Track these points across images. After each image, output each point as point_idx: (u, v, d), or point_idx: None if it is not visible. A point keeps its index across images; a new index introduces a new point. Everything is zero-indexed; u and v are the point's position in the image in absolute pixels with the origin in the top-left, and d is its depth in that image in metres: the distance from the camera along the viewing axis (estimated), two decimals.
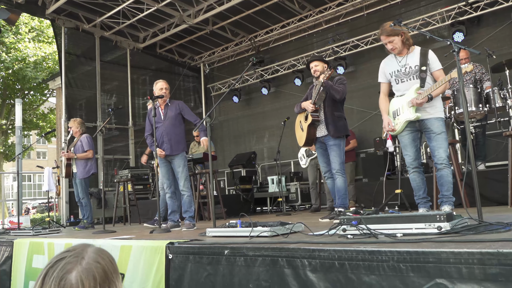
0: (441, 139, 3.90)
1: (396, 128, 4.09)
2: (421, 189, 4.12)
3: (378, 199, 6.15)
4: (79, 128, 7.49)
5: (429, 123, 3.95)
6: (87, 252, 1.14)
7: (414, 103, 3.90)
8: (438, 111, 3.97)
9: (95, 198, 9.04)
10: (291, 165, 10.68)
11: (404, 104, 4.01)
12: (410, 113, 3.96)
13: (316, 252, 2.43)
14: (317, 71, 5.19)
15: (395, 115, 4.13)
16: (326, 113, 5.10)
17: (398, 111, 4.08)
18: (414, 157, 4.09)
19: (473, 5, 7.96)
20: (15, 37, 18.84)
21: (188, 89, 12.65)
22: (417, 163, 4.10)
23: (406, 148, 4.13)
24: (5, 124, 20.17)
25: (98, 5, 9.49)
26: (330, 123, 5.06)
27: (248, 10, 9.82)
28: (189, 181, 5.52)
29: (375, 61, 9.49)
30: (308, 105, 5.10)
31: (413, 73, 4.00)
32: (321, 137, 5.15)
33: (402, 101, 4.04)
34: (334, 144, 5.04)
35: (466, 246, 2.02)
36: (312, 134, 5.17)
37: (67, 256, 1.11)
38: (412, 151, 4.09)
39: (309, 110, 5.09)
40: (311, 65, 5.26)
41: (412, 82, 4.02)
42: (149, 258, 3.38)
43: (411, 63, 4.03)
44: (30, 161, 36.88)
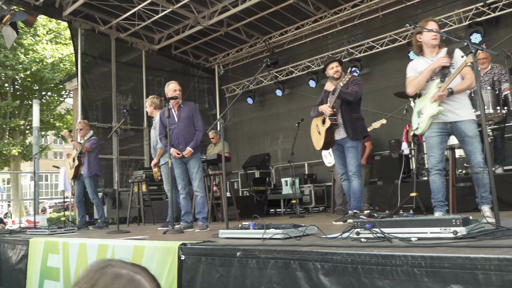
0: (476, 142, 3.87)
1: (422, 126, 4.07)
2: (440, 192, 4.08)
3: (393, 202, 6.08)
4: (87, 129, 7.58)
5: (462, 126, 3.91)
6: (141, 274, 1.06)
7: (435, 96, 3.89)
8: (471, 113, 3.94)
9: (110, 198, 9.10)
10: (305, 167, 10.63)
11: (427, 102, 4.01)
12: (433, 108, 3.94)
13: (329, 255, 2.41)
14: (338, 72, 5.16)
15: (419, 114, 4.13)
16: (344, 115, 5.07)
17: (422, 110, 4.09)
18: (439, 159, 4.05)
19: (491, 6, 7.83)
20: (33, 39, 19.13)
21: (202, 90, 12.69)
22: (441, 165, 4.07)
23: (432, 149, 4.08)
24: (23, 124, 20.47)
25: (114, 7, 9.58)
26: (348, 125, 5.03)
27: (262, 12, 9.82)
28: (203, 182, 5.53)
29: (390, 62, 9.47)
30: (326, 109, 5.06)
31: (438, 72, 4.00)
32: (339, 139, 5.13)
33: (425, 100, 4.06)
34: (351, 146, 5.01)
35: (482, 252, 1.98)
36: (330, 138, 5.14)
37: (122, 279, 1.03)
38: (438, 153, 4.05)
39: (327, 114, 5.05)
40: (331, 65, 5.19)
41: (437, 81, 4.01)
42: (161, 258, 3.39)
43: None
44: (47, 161, 37.38)
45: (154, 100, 6.69)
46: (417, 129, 4.15)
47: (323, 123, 5.19)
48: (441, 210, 4.06)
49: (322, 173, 9.99)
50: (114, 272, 1.03)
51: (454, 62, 3.94)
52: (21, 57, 18.30)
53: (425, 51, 4.15)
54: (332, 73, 5.19)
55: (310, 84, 10.36)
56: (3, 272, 5.61)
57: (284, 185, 9.83)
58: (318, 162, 10.06)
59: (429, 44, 4.08)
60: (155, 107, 6.67)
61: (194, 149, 5.43)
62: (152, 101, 6.69)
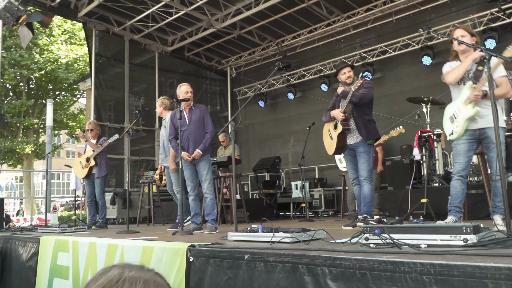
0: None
1: (457, 130, 4.01)
2: (458, 198, 4.06)
3: (403, 208, 6.04)
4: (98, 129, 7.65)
5: (489, 131, 3.88)
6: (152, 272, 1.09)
7: (471, 97, 3.86)
8: (501, 119, 3.89)
9: (121, 198, 9.16)
10: (315, 171, 10.61)
11: (460, 105, 3.98)
12: (469, 110, 3.89)
13: (337, 260, 2.40)
14: (350, 77, 5.19)
15: (452, 119, 4.08)
16: (356, 118, 5.08)
17: (455, 114, 4.05)
18: (464, 166, 4.03)
19: (506, 11, 7.76)
20: (48, 39, 19.38)
21: (214, 92, 12.74)
22: (465, 173, 4.05)
23: (458, 156, 4.06)
24: (37, 123, 20.72)
25: (128, 8, 9.67)
26: (362, 128, 5.04)
27: (275, 15, 9.83)
28: (212, 184, 5.55)
29: (403, 67, 9.42)
30: (338, 114, 5.07)
31: (475, 79, 3.99)
32: (352, 144, 5.13)
33: (458, 103, 4.03)
34: (363, 151, 5.03)
35: (493, 261, 1.96)
36: (342, 143, 5.15)
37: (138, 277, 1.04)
38: (464, 161, 4.03)
39: (339, 119, 5.07)
40: (343, 70, 5.22)
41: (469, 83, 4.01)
42: (170, 259, 3.40)
43: (474, 69, 4.02)
44: (59, 160, 37.74)
45: (165, 101, 6.75)
46: (451, 134, 4.10)
47: (335, 128, 5.20)
48: (454, 215, 4.03)
49: (332, 177, 9.96)
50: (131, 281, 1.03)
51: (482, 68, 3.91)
52: (36, 56, 18.54)
53: (460, 57, 4.14)
54: (344, 78, 5.21)
55: (322, 87, 10.35)
56: (14, 269, 5.67)
57: (294, 188, 9.81)
58: (328, 166, 10.04)
59: (459, 51, 4.09)
60: (165, 108, 6.73)
61: (203, 151, 5.45)
62: (163, 102, 6.75)
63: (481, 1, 8.22)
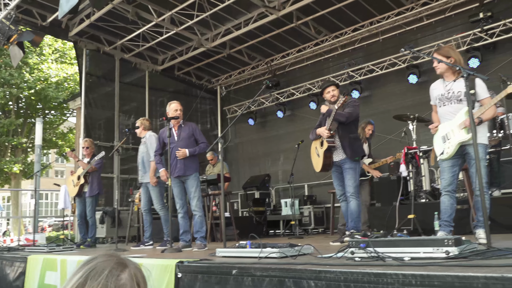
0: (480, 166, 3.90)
1: (449, 152, 4.07)
2: (447, 213, 4.11)
3: (391, 224, 6.09)
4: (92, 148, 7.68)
5: (469, 149, 3.97)
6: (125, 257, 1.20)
7: (467, 123, 3.89)
8: (481, 136, 3.95)
9: (110, 216, 9.12)
10: (305, 188, 10.66)
11: (455, 128, 4.02)
12: (463, 135, 3.95)
13: (322, 273, 2.45)
14: (334, 96, 5.29)
15: (445, 139, 4.13)
16: (341, 137, 5.16)
17: (448, 135, 4.09)
18: (449, 182, 4.10)
19: (489, 32, 7.98)
20: (38, 58, 19.40)
21: (205, 111, 12.82)
22: (451, 188, 4.11)
23: (443, 172, 4.14)
24: (26, 142, 20.59)
25: (119, 28, 9.77)
26: (346, 146, 5.11)
27: (264, 35, 10.00)
28: (201, 202, 5.56)
29: (390, 86, 9.59)
30: (323, 132, 5.15)
31: (455, 98, 4.06)
32: (338, 161, 5.21)
33: (452, 125, 4.06)
34: (350, 168, 5.10)
35: (472, 271, 2.02)
36: (329, 160, 5.23)
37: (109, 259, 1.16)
38: (449, 176, 4.10)
39: (325, 136, 5.14)
40: (328, 89, 5.35)
41: (453, 106, 4.08)
42: (159, 276, 3.41)
43: (455, 89, 4.10)
44: (48, 179, 37.39)
45: (144, 122, 6.87)
46: (442, 154, 4.15)
47: (321, 145, 5.28)
48: (444, 230, 4.09)
49: (322, 195, 10.00)
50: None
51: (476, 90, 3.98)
52: (26, 75, 18.52)
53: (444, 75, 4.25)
54: (329, 97, 5.33)
55: (311, 106, 10.47)
56: None
57: (284, 206, 9.84)
58: (318, 183, 10.10)
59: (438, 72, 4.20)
60: (144, 128, 6.82)
61: (192, 154, 5.48)
62: (142, 122, 6.85)
63: (464, 22, 8.44)
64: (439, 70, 4.16)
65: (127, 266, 1.15)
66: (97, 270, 1.11)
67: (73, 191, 7.41)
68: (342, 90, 5.82)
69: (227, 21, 9.65)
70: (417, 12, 8.85)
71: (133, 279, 1.12)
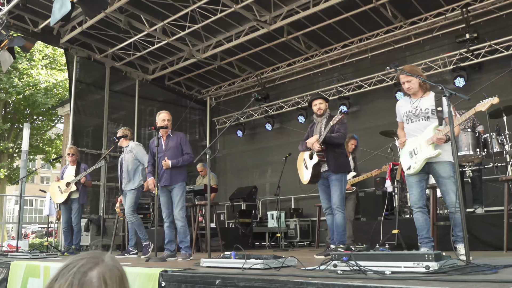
0: (449, 183, 3.96)
1: (415, 167, 4.10)
2: (424, 229, 4.15)
3: (376, 239, 6.15)
4: (78, 155, 7.67)
5: (437, 166, 4.02)
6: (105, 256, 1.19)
7: (434, 139, 3.94)
8: (447, 154, 3.99)
9: (95, 224, 9.05)
10: (292, 201, 10.70)
11: (422, 143, 4.05)
12: (430, 151, 3.99)
13: (304, 285, 2.48)
14: (321, 109, 5.30)
15: (412, 154, 4.15)
16: (327, 150, 5.14)
17: (415, 150, 4.12)
18: (418, 197, 4.15)
19: (475, 52, 8.16)
20: (28, 63, 19.30)
21: (194, 121, 12.85)
22: (421, 203, 4.15)
23: (411, 188, 4.20)
24: (12, 147, 20.38)
25: (111, 36, 9.81)
26: (331, 159, 5.10)
27: (255, 48, 10.11)
28: (184, 211, 5.54)
29: (378, 102, 9.72)
30: (315, 145, 5.09)
31: (423, 115, 4.10)
32: (323, 172, 5.18)
33: (419, 141, 4.10)
34: (335, 179, 5.07)
35: (449, 285, 2.07)
36: (318, 173, 5.19)
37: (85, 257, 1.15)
38: (417, 191, 4.15)
39: (316, 149, 5.10)
40: (315, 102, 5.35)
41: (421, 123, 4.12)
42: (142, 285, 3.42)
43: (422, 106, 4.13)
44: (33, 185, 36.97)
45: (126, 131, 6.87)
46: (409, 169, 4.19)
47: (310, 158, 5.24)
48: (426, 246, 4.13)
49: (308, 208, 10.05)
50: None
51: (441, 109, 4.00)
52: (15, 80, 18.40)
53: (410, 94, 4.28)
54: (315, 110, 5.35)
55: (299, 119, 10.56)
56: None
57: (270, 218, 9.85)
58: (304, 196, 10.14)
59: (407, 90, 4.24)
60: (126, 138, 6.84)
61: (174, 166, 5.49)
62: (124, 132, 6.85)
63: (452, 41, 8.62)
64: (413, 90, 4.17)
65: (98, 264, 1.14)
66: (69, 268, 1.11)
67: (60, 197, 7.33)
68: (331, 105, 5.87)
69: (219, 33, 9.74)
70: (405, 30, 9.03)
71: (100, 278, 1.11)
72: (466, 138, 5.49)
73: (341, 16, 8.79)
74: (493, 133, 5.61)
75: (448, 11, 8.42)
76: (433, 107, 4.04)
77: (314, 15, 8.63)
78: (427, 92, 4.18)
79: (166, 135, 5.73)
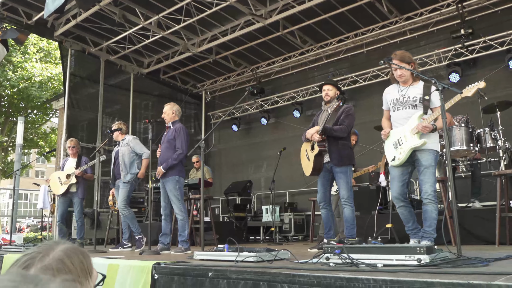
0: (428, 173, 3.85)
1: (400, 157, 3.99)
2: (409, 221, 4.11)
3: (369, 233, 6.17)
4: (78, 148, 7.63)
5: (419, 154, 3.93)
6: (54, 250, 1.10)
7: (419, 128, 3.84)
8: (432, 142, 3.92)
9: (89, 218, 9.04)
10: (286, 196, 10.72)
11: (407, 133, 3.96)
12: (415, 140, 3.89)
13: (296, 277, 2.49)
14: (328, 95, 5.04)
15: (396, 145, 4.05)
16: (330, 139, 4.88)
17: (400, 140, 4.02)
18: (400, 191, 4.08)
19: (469, 48, 8.18)
20: (22, 57, 19.18)
21: (189, 115, 12.82)
22: (402, 197, 4.08)
23: (393, 180, 4.15)
24: (6, 141, 20.29)
25: (105, 29, 9.75)
26: (334, 151, 4.85)
27: (251, 42, 10.09)
28: (181, 204, 5.51)
29: (374, 97, 9.69)
30: (314, 136, 4.85)
31: (410, 103, 4.01)
32: (326, 163, 4.95)
33: (404, 131, 4.00)
34: (340, 172, 4.84)
35: (440, 277, 2.08)
36: (320, 165, 4.97)
37: (33, 251, 1.09)
38: (398, 185, 4.08)
39: (316, 140, 4.86)
40: (324, 87, 5.09)
41: (407, 111, 4.02)
42: (135, 277, 3.42)
43: (410, 94, 4.04)
44: (28, 179, 36.83)
45: (120, 125, 6.86)
46: (393, 160, 4.08)
47: (312, 149, 5.01)
48: (415, 237, 4.11)
49: (303, 202, 10.07)
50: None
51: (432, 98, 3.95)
52: (9, 74, 18.30)
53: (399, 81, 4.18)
54: (323, 96, 5.10)
55: (294, 114, 10.57)
56: None
57: (265, 212, 9.88)
58: (299, 191, 10.18)
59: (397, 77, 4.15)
60: (121, 132, 6.84)
61: (167, 169, 5.49)
62: (119, 126, 6.84)
63: (447, 37, 8.64)
64: (404, 78, 4.08)
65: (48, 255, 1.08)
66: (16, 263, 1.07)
67: (59, 189, 7.24)
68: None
69: (214, 27, 9.71)
70: (400, 26, 9.04)
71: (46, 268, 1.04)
72: (459, 133, 5.50)
73: (336, 11, 8.77)
74: (487, 128, 5.63)
75: (443, 7, 8.44)
76: (421, 96, 3.96)
77: (309, 10, 8.61)
78: (416, 81, 4.11)
79: (167, 128, 5.79)
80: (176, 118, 5.80)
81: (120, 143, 6.77)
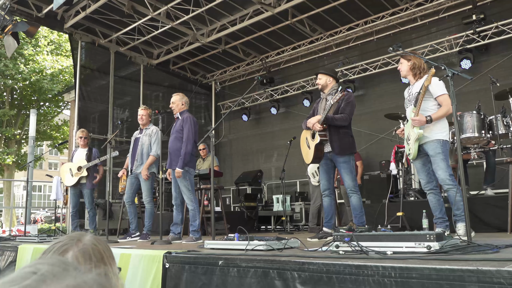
0: (437, 161, 4.01)
1: (412, 152, 4.20)
2: (437, 210, 4.21)
3: (380, 221, 6.17)
4: (89, 139, 7.70)
5: (426, 146, 4.14)
6: (84, 236, 1.21)
7: (414, 122, 4.07)
8: (434, 133, 4.09)
9: (101, 209, 9.14)
10: (297, 185, 10.72)
11: (410, 128, 4.18)
12: (415, 133, 4.10)
13: (305, 265, 2.50)
14: (319, 84, 5.11)
15: (407, 140, 4.31)
16: (331, 128, 4.87)
17: (408, 136, 4.25)
18: (427, 180, 4.25)
19: (481, 34, 8.06)
20: (34, 50, 19.33)
21: (199, 106, 12.84)
22: (432, 185, 4.23)
23: (419, 172, 4.33)
24: (19, 134, 20.54)
25: (115, 21, 9.77)
26: (335, 140, 4.84)
27: (260, 31, 10.03)
28: (191, 194, 5.51)
29: (384, 85, 9.65)
30: (316, 126, 4.84)
31: (413, 99, 4.21)
32: (327, 152, 4.94)
33: (408, 126, 4.24)
34: (343, 161, 4.84)
35: (449, 264, 2.08)
36: (320, 153, 4.97)
37: (65, 239, 1.18)
38: (424, 175, 4.26)
39: (316, 129, 4.85)
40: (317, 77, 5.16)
41: (412, 107, 4.24)
42: (147, 266, 3.46)
43: (414, 90, 4.27)
44: (41, 171, 37.27)
45: (150, 112, 6.81)
46: (409, 154, 4.29)
47: (312, 137, 5.00)
48: (441, 227, 4.16)
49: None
50: None
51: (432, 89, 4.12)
52: (21, 67, 18.46)
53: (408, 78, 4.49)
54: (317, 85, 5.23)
55: (304, 103, 10.53)
56: None
57: (275, 202, 9.90)
58: None
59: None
60: (150, 120, 6.83)
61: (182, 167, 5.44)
62: (150, 114, 6.78)
63: (459, 23, 8.51)
64: (401, 73, 4.39)
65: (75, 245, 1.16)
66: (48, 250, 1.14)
67: (70, 180, 7.34)
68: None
69: (223, 17, 9.67)
70: (411, 12, 8.92)
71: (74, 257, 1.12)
72: (471, 120, 5.44)
73: None
74: (499, 115, 5.56)
75: None
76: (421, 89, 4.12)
77: None
78: (422, 77, 4.27)
79: (176, 118, 5.78)
80: (184, 108, 5.80)
81: (143, 131, 6.71)
